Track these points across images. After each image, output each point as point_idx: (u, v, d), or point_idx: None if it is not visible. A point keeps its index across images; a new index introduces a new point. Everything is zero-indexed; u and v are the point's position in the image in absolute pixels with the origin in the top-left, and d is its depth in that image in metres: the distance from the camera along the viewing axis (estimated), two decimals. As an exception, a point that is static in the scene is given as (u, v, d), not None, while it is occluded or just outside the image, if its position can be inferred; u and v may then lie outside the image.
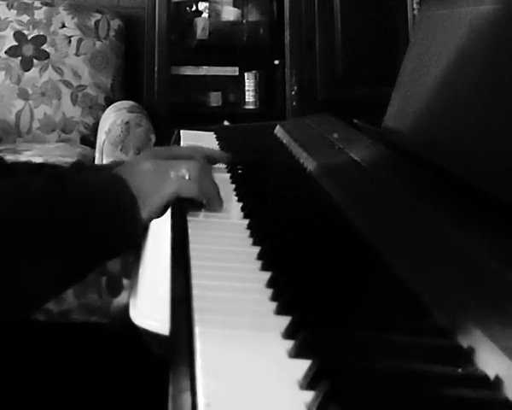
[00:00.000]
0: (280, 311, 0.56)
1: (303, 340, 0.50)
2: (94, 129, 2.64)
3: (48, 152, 2.43)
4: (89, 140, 2.66)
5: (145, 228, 0.78)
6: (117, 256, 0.77)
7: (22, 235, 0.65)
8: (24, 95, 2.64)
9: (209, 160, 0.92)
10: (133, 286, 0.75)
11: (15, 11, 2.70)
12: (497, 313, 0.51)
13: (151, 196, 0.76)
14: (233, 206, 0.85)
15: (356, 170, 0.96)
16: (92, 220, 0.70)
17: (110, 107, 2.60)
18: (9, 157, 2.18)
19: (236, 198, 0.88)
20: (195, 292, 0.59)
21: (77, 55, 2.68)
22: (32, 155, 2.38)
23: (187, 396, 0.45)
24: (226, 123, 2.87)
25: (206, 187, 0.80)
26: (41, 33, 2.69)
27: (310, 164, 1.05)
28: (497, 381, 0.46)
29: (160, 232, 0.77)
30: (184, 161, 0.80)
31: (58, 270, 0.68)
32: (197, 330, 0.52)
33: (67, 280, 0.71)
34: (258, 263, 0.67)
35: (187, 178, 0.78)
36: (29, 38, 2.68)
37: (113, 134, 2.28)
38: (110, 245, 0.74)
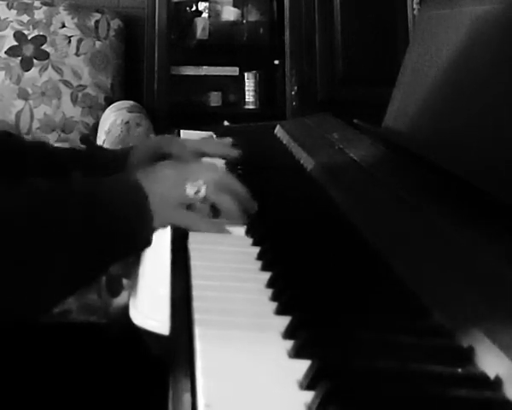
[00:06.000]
0: (280, 311, 0.56)
1: (303, 340, 0.50)
2: (94, 129, 2.63)
3: (48, 152, 2.42)
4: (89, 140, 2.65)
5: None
6: (123, 260, 0.77)
7: (32, 240, 0.66)
8: (24, 95, 2.64)
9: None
10: (133, 286, 0.75)
11: (15, 11, 2.70)
12: (497, 313, 0.51)
13: (167, 210, 0.76)
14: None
15: (356, 170, 0.96)
16: (102, 225, 0.71)
17: (110, 107, 2.59)
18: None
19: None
20: (195, 292, 0.59)
21: (77, 55, 2.68)
22: (32, 155, 2.37)
23: (187, 397, 0.45)
24: (226, 123, 2.87)
25: (223, 202, 0.78)
26: (41, 33, 2.68)
27: (310, 164, 1.05)
28: (497, 381, 0.46)
29: (160, 232, 0.77)
30: (204, 170, 0.79)
31: (67, 273, 0.68)
32: (197, 330, 0.52)
33: (75, 283, 0.71)
34: (258, 263, 0.67)
35: (203, 191, 0.77)
36: (29, 37, 2.67)
37: (113, 134, 2.27)
38: (119, 251, 0.74)
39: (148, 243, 0.76)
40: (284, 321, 0.53)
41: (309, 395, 0.44)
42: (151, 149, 1.03)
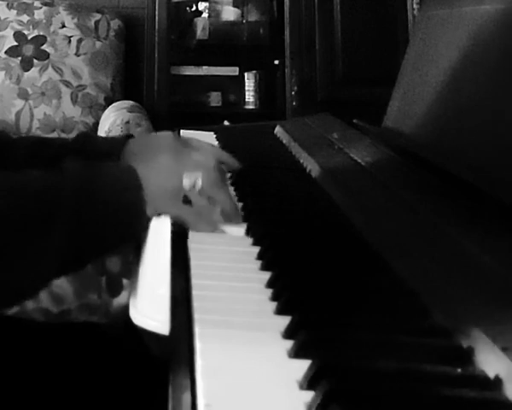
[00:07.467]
0: (280, 311, 0.56)
1: (303, 340, 0.50)
2: (94, 129, 2.63)
3: (48, 152, 2.42)
4: (89, 140, 2.65)
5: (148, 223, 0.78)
6: (118, 249, 0.77)
7: (28, 230, 0.67)
8: (24, 95, 2.64)
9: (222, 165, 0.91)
10: (133, 286, 0.75)
11: (15, 11, 2.70)
12: (497, 313, 0.51)
13: (161, 199, 0.75)
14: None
15: (355, 170, 0.96)
16: (93, 212, 0.70)
17: (110, 107, 2.59)
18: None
19: (236, 198, 0.88)
20: (195, 292, 0.59)
21: (77, 55, 2.68)
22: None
23: (187, 396, 0.45)
24: (226, 123, 2.87)
25: (219, 195, 0.78)
26: (41, 33, 2.68)
27: (310, 164, 1.05)
28: (497, 381, 0.46)
29: (159, 232, 0.77)
30: (202, 164, 0.77)
31: (53, 259, 0.69)
32: (197, 330, 0.52)
33: (62, 269, 0.71)
34: (258, 263, 0.67)
35: (199, 184, 0.76)
36: (29, 38, 2.68)
37: (113, 134, 2.27)
38: (110, 240, 0.73)
39: (142, 230, 0.75)
40: (284, 321, 0.53)
41: (309, 395, 0.44)
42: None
